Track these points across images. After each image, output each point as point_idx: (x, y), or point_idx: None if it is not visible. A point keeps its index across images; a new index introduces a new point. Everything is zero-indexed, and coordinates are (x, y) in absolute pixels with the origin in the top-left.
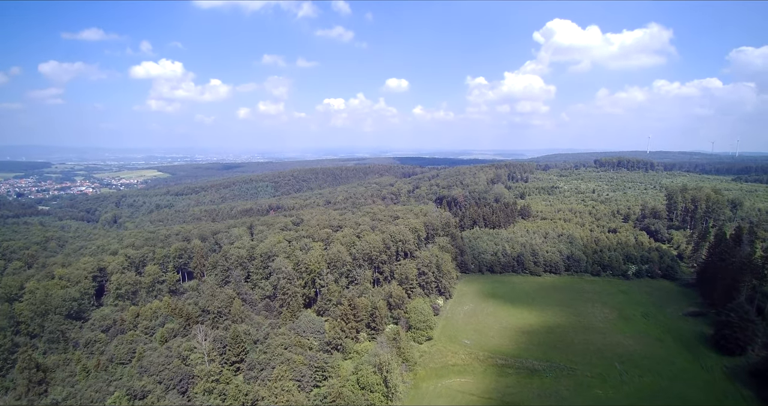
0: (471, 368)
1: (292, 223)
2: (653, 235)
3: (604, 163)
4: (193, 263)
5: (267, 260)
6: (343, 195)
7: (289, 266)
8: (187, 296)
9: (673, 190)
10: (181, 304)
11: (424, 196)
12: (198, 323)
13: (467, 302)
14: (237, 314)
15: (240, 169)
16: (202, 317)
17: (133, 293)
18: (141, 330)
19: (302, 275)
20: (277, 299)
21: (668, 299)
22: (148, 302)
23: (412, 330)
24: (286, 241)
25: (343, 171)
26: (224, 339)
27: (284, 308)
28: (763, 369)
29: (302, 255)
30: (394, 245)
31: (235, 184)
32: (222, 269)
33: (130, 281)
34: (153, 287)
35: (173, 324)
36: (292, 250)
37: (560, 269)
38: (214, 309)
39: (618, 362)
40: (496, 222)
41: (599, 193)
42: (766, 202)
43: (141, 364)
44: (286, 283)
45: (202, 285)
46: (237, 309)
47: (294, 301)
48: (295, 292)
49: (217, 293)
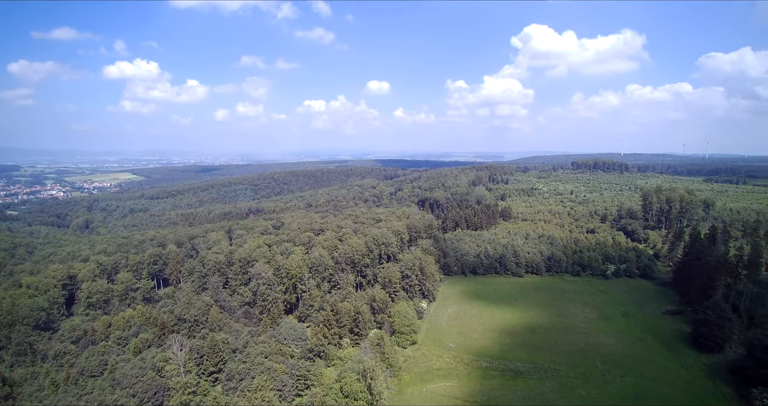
0: (456, 372)
1: (273, 227)
2: (630, 235)
3: (580, 166)
4: (168, 269)
5: (246, 265)
6: (325, 198)
7: (270, 271)
8: (162, 304)
9: (648, 191)
10: (156, 312)
11: (406, 198)
12: (174, 332)
13: (451, 305)
14: (215, 322)
15: (218, 171)
16: (178, 325)
17: (105, 301)
18: (113, 341)
19: (283, 281)
20: (256, 305)
21: (646, 298)
22: (120, 310)
23: (396, 334)
24: (266, 245)
25: (325, 173)
26: (201, 349)
27: (264, 314)
28: (741, 366)
29: (283, 260)
30: (377, 248)
31: (213, 188)
32: (199, 276)
33: (102, 289)
34: (126, 295)
35: (147, 334)
36: (273, 254)
37: (541, 269)
38: (191, 317)
39: (600, 361)
40: (478, 224)
41: (577, 194)
42: (736, 202)
43: (113, 376)
44: (266, 289)
45: (178, 292)
46: (215, 317)
47: (274, 307)
48: (275, 298)
49: (194, 301)
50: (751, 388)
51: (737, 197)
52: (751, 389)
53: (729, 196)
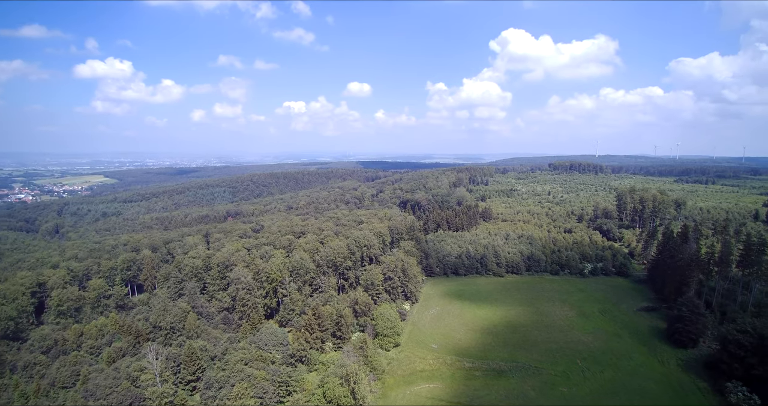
0: (439, 373)
1: (252, 230)
2: (606, 234)
3: (557, 167)
4: (142, 275)
5: (224, 269)
6: (306, 200)
7: (249, 276)
8: (136, 312)
9: (622, 192)
10: (130, 320)
11: (388, 200)
12: (149, 340)
13: (433, 306)
14: (192, 329)
15: (195, 174)
16: (154, 333)
17: (76, 309)
18: (85, 350)
19: (263, 285)
20: (236, 311)
21: (623, 296)
22: (93, 319)
23: (379, 337)
24: (245, 249)
25: (305, 175)
26: (178, 357)
27: (244, 320)
28: (715, 361)
29: (263, 263)
30: (359, 250)
31: (190, 190)
32: (175, 281)
33: (73, 296)
34: (98, 303)
35: (121, 343)
36: (252, 258)
37: (521, 269)
38: (167, 325)
39: (580, 358)
40: (460, 225)
41: (554, 195)
42: (706, 201)
43: (86, 387)
44: (246, 293)
45: (153, 299)
46: (192, 324)
47: (254, 312)
48: (255, 303)
49: (170, 307)
50: (726, 382)
51: (707, 197)
52: (725, 383)
53: (699, 195)
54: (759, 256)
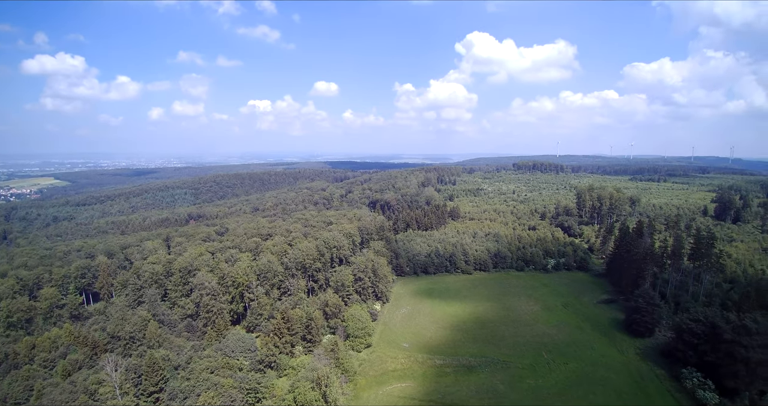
0: (411, 372)
1: (216, 233)
2: (567, 230)
3: (521, 167)
4: (98, 282)
5: (187, 275)
6: (273, 201)
7: (213, 281)
8: (92, 321)
9: (581, 190)
10: (86, 331)
11: (357, 200)
12: (107, 351)
13: (404, 305)
14: (153, 338)
15: (154, 175)
16: (112, 344)
17: (27, 320)
18: (38, 364)
19: (228, 290)
20: (200, 317)
21: (584, 289)
22: (45, 330)
23: (351, 339)
24: (208, 253)
25: (272, 176)
26: (139, 368)
27: (209, 327)
28: (671, 349)
29: (228, 268)
30: (329, 251)
31: (148, 192)
32: (134, 288)
33: (23, 306)
34: (51, 313)
35: (77, 355)
36: (217, 262)
37: (489, 266)
38: (126, 334)
39: (545, 351)
40: (429, 224)
41: (519, 193)
42: (659, 198)
43: (41, 403)
44: (210, 299)
45: (111, 308)
46: (153, 332)
47: (220, 318)
48: (220, 308)
49: (129, 316)
50: (681, 368)
51: (659, 194)
52: (681, 370)
53: (652, 193)
54: (708, 249)
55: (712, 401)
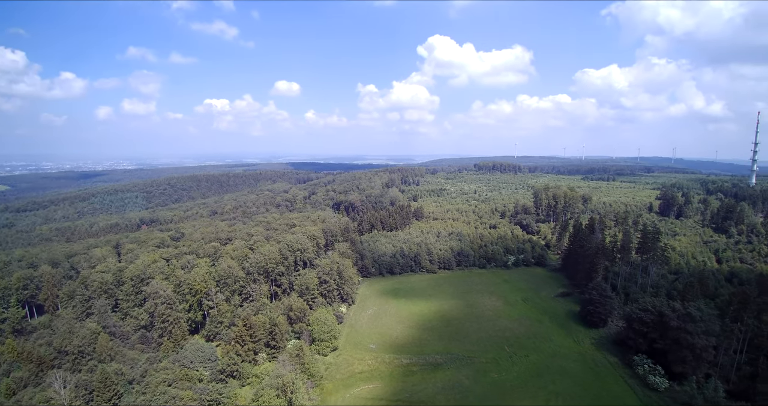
0: (378, 373)
1: (171, 238)
2: (525, 228)
3: (482, 167)
4: (42, 294)
5: (140, 283)
6: (232, 204)
7: (169, 289)
8: (37, 336)
9: (538, 189)
10: (31, 346)
11: (321, 202)
12: (54, 367)
13: (370, 306)
14: (104, 352)
15: (102, 178)
16: (59, 359)
17: None
18: None
19: (185, 298)
20: (155, 328)
21: (542, 284)
22: None
23: (316, 343)
24: (163, 259)
25: (231, 178)
26: (90, 383)
27: (165, 337)
28: (623, 337)
29: (184, 274)
30: (292, 254)
31: (96, 196)
32: (81, 299)
33: None
34: None
35: (21, 372)
36: (172, 269)
37: (453, 264)
38: (74, 349)
39: (507, 345)
40: (393, 225)
41: (480, 193)
42: (608, 196)
43: None
44: (166, 308)
45: (57, 321)
46: (104, 346)
47: (176, 328)
48: (177, 317)
49: (77, 329)
50: (633, 356)
51: (609, 192)
52: (633, 357)
53: (602, 191)
54: (654, 243)
55: (662, 386)
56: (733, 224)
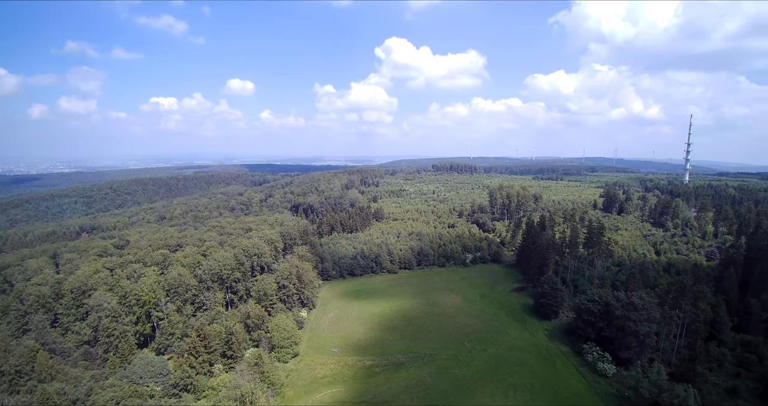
0: (341, 376)
1: (114, 246)
2: (482, 227)
3: (440, 168)
4: None
5: (81, 295)
6: (182, 208)
7: (114, 300)
8: None
9: (493, 189)
10: None
11: (278, 204)
12: None
13: (332, 309)
14: (44, 371)
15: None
16: None
17: None
18: None
19: (132, 309)
20: (99, 343)
21: (498, 280)
22: None
23: (276, 350)
24: (106, 269)
25: (181, 181)
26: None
27: (111, 352)
28: (573, 327)
29: (131, 285)
30: (249, 259)
31: (30, 202)
32: (16, 315)
33: None
34: None
35: None
36: (116, 280)
37: (413, 264)
38: (11, 368)
39: (467, 341)
40: (354, 226)
41: (438, 194)
42: (557, 195)
43: None
44: (111, 321)
45: None
46: (44, 364)
47: (123, 342)
48: (123, 331)
49: (13, 347)
50: (583, 344)
51: (557, 191)
52: (582, 345)
53: (552, 190)
54: (599, 237)
55: (610, 372)
56: (669, 218)
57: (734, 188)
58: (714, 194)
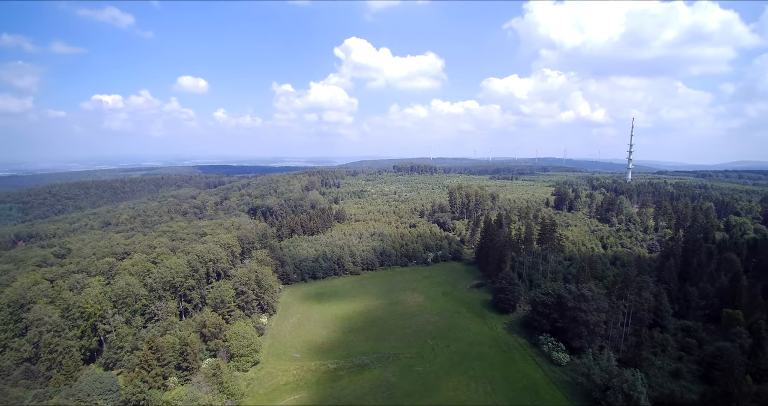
0: (304, 382)
1: (55, 255)
2: (442, 226)
3: (400, 169)
4: None
5: (19, 309)
6: (129, 213)
7: (55, 314)
8: None
9: (452, 189)
10: None
11: (235, 207)
12: None
13: (293, 314)
14: None
15: None
16: None
17: None
18: None
19: (77, 323)
20: (41, 360)
21: (459, 277)
22: None
23: (235, 358)
24: (46, 280)
25: (127, 184)
26: None
27: (54, 370)
28: (529, 320)
29: (74, 297)
30: (204, 266)
31: None
32: None
33: None
34: None
35: None
36: (58, 291)
37: (376, 264)
38: None
39: (430, 338)
40: (315, 228)
41: (399, 194)
42: (512, 194)
43: None
44: (53, 336)
45: None
46: None
47: (68, 358)
48: (67, 346)
49: None
50: (539, 335)
51: (513, 190)
52: (538, 337)
53: (507, 189)
54: (551, 234)
55: (564, 360)
56: (614, 214)
57: (672, 186)
58: (654, 191)
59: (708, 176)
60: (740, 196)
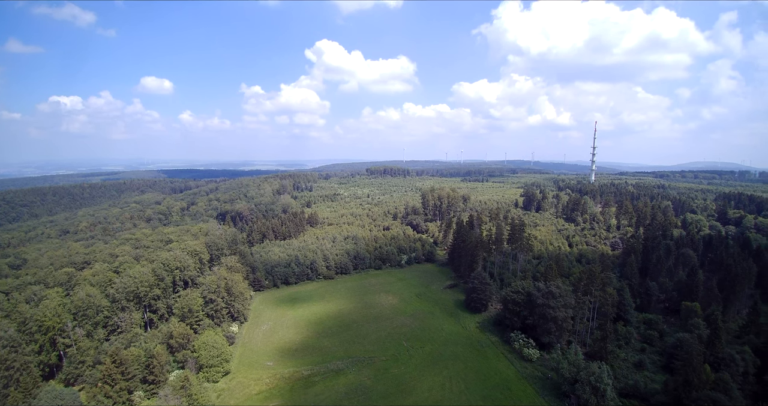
0: (278, 390)
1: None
2: (415, 228)
3: (374, 172)
4: None
5: None
6: (89, 220)
7: (11, 328)
8: None
9: (425, 191)
10: None
11: (202, 213)
12: None
13: (265, 321)
14: None
15: None
16: None
17: None
18: None
19: (34, 337)
20: None
21: (432, 278)
22: None
23: (205, 369)
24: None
25: (86, 189)
26: None
27: (11, 387)
28: (500, 318)
29: (30, 309)
30: (170, 274)
31: None
32: None
33: None
34: None
35: None
36: (13, 304)
37: (350, 268)
38: None
39: (405, 340)
40: (287, 233)
41: (372, 197)
42: (483, 195)
43: None
44: (9, 352)
45: None
46: None
47: (25, 375)
48: (25, 362)
49: None
50: (510, 333)
51: (483, 192)
52: (510, 334)
53: (478, 191)
54: (520, 234)
55: (535, 356)
56: (579, 214)
57: (633, 186)
58: (616, 192)
59: (666, 176)
60: (696, 195)
